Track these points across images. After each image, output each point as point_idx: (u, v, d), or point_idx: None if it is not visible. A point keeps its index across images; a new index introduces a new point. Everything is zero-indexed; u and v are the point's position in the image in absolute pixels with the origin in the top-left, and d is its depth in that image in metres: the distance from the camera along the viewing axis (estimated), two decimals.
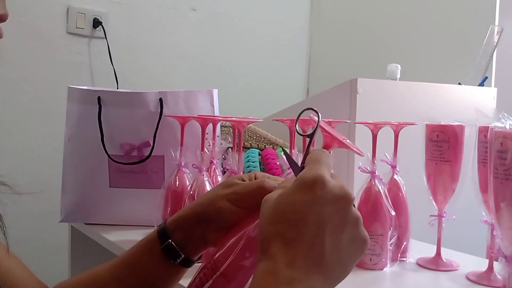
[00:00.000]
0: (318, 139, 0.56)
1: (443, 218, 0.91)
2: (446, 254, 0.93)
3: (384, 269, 0.89)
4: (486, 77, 1.55)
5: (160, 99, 1.09)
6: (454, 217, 0.91)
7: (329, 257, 0.45)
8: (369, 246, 0.88)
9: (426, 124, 0.92)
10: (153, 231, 0.64)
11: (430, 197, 0.92)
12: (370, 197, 0.90)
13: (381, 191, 0.89)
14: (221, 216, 0.60)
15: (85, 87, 1.13)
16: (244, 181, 0.62)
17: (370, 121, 0.92)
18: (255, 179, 0.62)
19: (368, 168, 0.90)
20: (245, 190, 0.60)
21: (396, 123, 0.93)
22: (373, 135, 0.91)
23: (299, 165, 0.54)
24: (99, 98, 1.09)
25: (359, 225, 0.48)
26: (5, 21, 0.56)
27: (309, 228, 0.45)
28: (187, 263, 0.64)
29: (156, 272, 0.63)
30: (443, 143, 0.89)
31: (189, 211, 0.63)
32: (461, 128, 0.90)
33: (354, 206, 0.48)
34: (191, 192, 0.89)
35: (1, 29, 0.59)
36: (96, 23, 1.95)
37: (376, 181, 0.90)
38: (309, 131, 0.54)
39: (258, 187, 0.59)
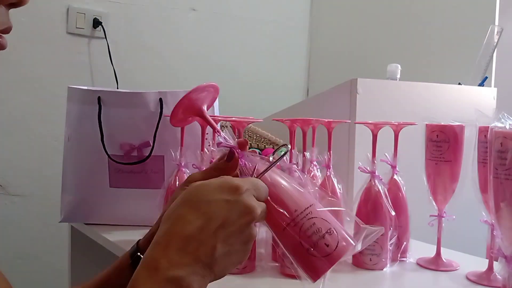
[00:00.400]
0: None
1: (443, 218, 0.91)
2: (446, 254, 0.93)
3: (384, 269, 0.89)
4: (486, 77, 1.55)
5: (160, 99, 1.09)
6: (454, 217, 0.91)
7: (218, 256, 0.50)
8: (369, 246, 0.89)
9: (426, 124, 0.92)
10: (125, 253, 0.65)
11: (430, 197, 0.92)
12: (370, 197, 0.90)
13: (381, 191, 0.89)
14: None
15: (85, 87, 1.13)
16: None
17: (370, 121, 0.91)
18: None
19: (368, 168, 0.90)
20: (200, 175, 0.62)
21: (396, 123, 0.93)
22: (373, 135, 0.91)
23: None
24: (99, 98, 1.09)
25: (249, 244, 0.54)
26: (9, 33, 0.57)
27: (210, 222, 0.50)
28: None
29: None
30: (443, 143, 0.89)
31: (157, 223, 0.63)
32: (461, 128, 0.90)
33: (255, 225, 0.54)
34: None
35: (6, 40, 0.59)
36: (96, 23, 1.95)
37: (376, 181, 0.90)
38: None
39: (213, 169, 0.61)
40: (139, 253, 0.63)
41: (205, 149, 0.94)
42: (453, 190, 0.90)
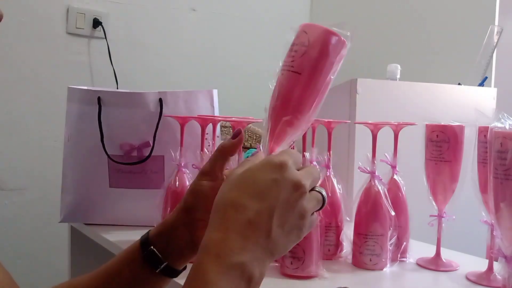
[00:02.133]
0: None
1: (443, 218, 0.91)
2: (446, 254, 0.93)
3: (384, 269, 0.89)
4: (486, 77, 1.55)
5: (160, 99, 1.09)
6: (454, 217, 0.91)
7: (277, 238, 0.50)
8: (369, 246, 0.89)
9: (426, 124, 0.92)
10: (135, 241, 0.64)
11: (430, 197, 0.92)
12: (370, 197, 0.90)
13: (381, 191, 0.89)
14: (203, 196, 0.60)
15: (85, 87, 1.13)
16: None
17: (370, 121, 0.91)
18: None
19: (368, 168, 0.90)
20: (209, 162, 0.62)
21: (396, 123, 0.93)
22: (373, 135, 0.91)
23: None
24: (99, 98, 1.09)
25: (305, 218, 0.53)
26: (0, 21, 0.56)
27: (264, 204, 0.50)
28: (171, 272, 0.63)
29: (137, 282, 0.62)
30: (443, 143, 0.89)
31: (174, 214, 0.63)
32: (461, 128, 0.90)
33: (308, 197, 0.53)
34: None
35: None
36: (96, 23, 1.95)
37: (376, 181, 0.90)
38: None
39: (218, 150, 0.62)
40: (152, 247, 0.61)
41: (205, 149, 0.94)
42: (453, 190, 0.90)
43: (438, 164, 0.90)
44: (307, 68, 0.61)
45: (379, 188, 0.90)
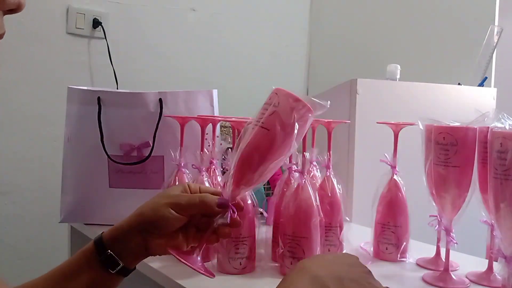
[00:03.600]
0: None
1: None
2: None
3: (384, 270, 0.89)
4: (486, 78, 1.55)
5: (160, 100, 1.09)
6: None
7: None
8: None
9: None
10: (89, 243, 0.67)
11: (430, 197, 0.91)
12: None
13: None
14: (164, 222, 0.64)
15: (85, 88, 1.13)
16: (183, 192, 0.68)
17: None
18: (190, 189, 0.68)
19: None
20: (188, 203, 0.65)
21: (396, 123, 0.93)
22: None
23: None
24: (99, 98, 1.09)
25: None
26: (1, 38, 0.57)
27: None
28: (125, 272, 0.66)
29: (94, 282, 0.65)
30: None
31: (129, 222, 0.66)
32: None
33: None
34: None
35: None
36: (96, 23, 1.95)
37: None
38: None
39: (201, 202, 0.65)
40: (109, 251, 0.65)
41: (205, 150, 0.94)
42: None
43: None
44: (274, 126, 0.70)
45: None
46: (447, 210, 0.83)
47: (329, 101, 0.73)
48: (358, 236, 1.04)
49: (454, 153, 0.81)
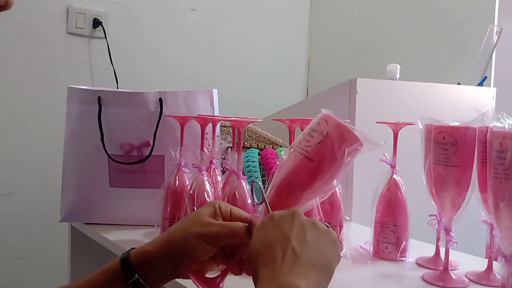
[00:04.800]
0: None
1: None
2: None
3: (384, 269, 0.89)
4: (485, 77, 1.55)
5: (160, 99, 1.09)
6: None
7: (303, 254, 0.55)
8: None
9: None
10: (115, 260, 0.65)
11: (430, 197, 0.92)
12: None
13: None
14: (193, 254, 0.63)
15: (85, 87, 1.13)
16: (217, 218, 0.65)
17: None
18: (220, 211, 0.65)
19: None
20: (218, 235, 0.64)
21: (395, 123, 0.93)
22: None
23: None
24: (99, 98, 1.09)
25: (317, 225, 0.59)
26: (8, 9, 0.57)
27: (276, 246, 0.56)
28: None
29: None
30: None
31: (160, 249, 0.64)
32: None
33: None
34: (191, 192, 0.89)
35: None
36: (96, 23, 1.96)
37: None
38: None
39: (232, 233, 0.64)
40: (137, 275, 0.63)
41: (205, 149, 0.94)
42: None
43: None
44: (320, 157, 0.65)
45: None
46: (446, 209, 0.83)
47: (384, 141, 0.70)
48: (357, 236, 1.04)
49: (453, 152, 0.81)
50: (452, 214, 0.83)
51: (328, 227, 0.60)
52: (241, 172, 0.88)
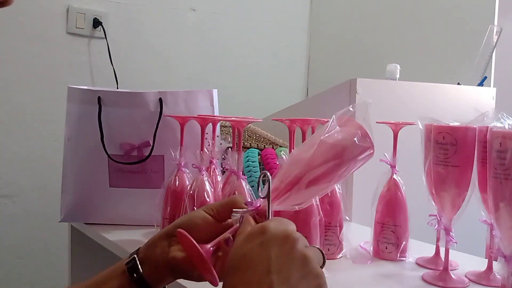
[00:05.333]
0: None
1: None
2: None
3: (384, 269, 0.89)
4: (485, 77, 1.55)
5: (160, 99, 1.09)
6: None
7: None
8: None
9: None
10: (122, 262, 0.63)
11: (430, 197, 0.92)
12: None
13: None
14: (194, 222, 0.60)
15: (85, 87, 1.13)
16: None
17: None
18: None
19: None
20: (220, 204, 0.62)
21: (395, 123, 0.93)
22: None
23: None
24: (99, 98, 1.09)
25: (308, 263, 0.50)
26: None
27: (253, 273, 0.48)
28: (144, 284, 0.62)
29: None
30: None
31: (162, 230, 0.63)
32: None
33: (304, 245, 0.51)
34: (191, 192, 0.89)
35: None
36: (96, 23, 1.96)
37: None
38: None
39: (230, 201, 0.61)
40: (135, 255, 0.61)
41: (205, 149, 0.94)
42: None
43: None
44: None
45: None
46: (446, 209, 0.83)
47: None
48: (357, 236, 1.04)
49: (453, 152, 0.80)
50: (452, 214, 0.83)
51: (324, 261, 0.54)
52: (241, 172, 0.88)
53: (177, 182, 0.95)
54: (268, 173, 0.60)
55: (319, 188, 0.65)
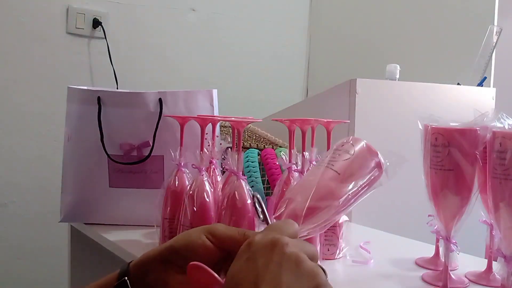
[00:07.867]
0: None
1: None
2: None
3: (384, 269, 0.89)
4: (485, 78, 1.55)
5: (160, 99, 1.09)
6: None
7: None
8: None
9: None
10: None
11: (429, 197, 0.91)
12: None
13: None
14: (191, 249, 0.55)
15: (85, 87, 1.13)
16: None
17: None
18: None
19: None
20: (225, 233, 0.56)
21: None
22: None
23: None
24: (99, 98, 1.09)
25: (301, 264, 0.47)
26: None
27: (244, 287, 0.46)
28: None
29: None
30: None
31: (156, 250, 0.57)
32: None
33: (299, 248, 0.49)
34: (191, 192, 0.89)
35: None
36: (96, 23, 1.96)
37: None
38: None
39: (241, 236, 0.56)
40: (126, 278, 0.56)
41: (205, 149, 0.94)
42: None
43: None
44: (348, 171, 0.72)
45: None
46: (445, 217, 0.79)
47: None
48: (358, 236, 1.04)
49: (445, 154, 0.76)
50: (451, 224, 0.78)
51: (321, 267, 0.49)
52: (241, 173, 0.88)
53: (177, 182, 0.95)
54: (258, 196, 0.60)
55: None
